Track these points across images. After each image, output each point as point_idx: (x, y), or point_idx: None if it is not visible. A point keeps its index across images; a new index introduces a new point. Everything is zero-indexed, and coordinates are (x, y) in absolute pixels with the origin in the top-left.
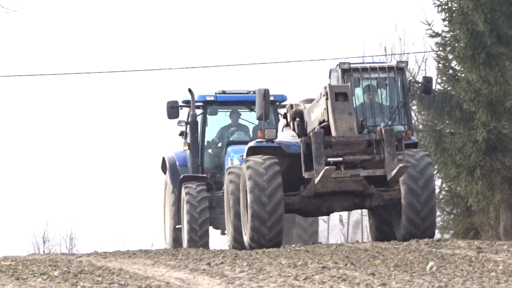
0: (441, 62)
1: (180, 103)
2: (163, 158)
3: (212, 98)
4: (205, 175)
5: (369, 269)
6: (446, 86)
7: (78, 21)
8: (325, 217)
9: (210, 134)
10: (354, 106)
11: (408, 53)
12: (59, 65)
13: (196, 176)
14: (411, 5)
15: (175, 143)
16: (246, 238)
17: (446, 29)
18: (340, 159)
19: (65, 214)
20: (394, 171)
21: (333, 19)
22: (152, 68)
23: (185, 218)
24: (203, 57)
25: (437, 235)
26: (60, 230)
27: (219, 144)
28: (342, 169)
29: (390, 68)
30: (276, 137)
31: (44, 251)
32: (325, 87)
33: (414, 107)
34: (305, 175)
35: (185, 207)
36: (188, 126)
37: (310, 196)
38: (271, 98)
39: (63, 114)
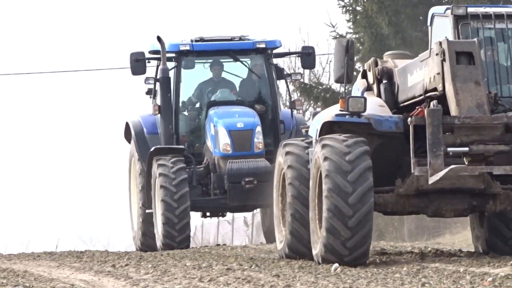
0: None
1: (147, 55)
2: (127, 124)
3: (188, 48)
4: (182, 146)
5: (274, 270)
6: (349, 88)
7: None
8: (229, 219)
9: (186, 92)
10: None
11: None
12: None
13: (171, 148)
14: (315, 7)
15: (141, 105)
16: (316, 250)
17: (351, 31)
18: (466, 149)
19: None
20: None
21: (236, 19)
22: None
23: (159, 206)
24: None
25: None
26: None
27: (198, 105)
28: (466, 163)
29: None
30: (365, 109)
31: None
32: (440, 43)
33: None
34: (416, 171)
35: (159, 192)
36: (158, 83)
37: (410, 195)
38: (262, 45)
39: None
